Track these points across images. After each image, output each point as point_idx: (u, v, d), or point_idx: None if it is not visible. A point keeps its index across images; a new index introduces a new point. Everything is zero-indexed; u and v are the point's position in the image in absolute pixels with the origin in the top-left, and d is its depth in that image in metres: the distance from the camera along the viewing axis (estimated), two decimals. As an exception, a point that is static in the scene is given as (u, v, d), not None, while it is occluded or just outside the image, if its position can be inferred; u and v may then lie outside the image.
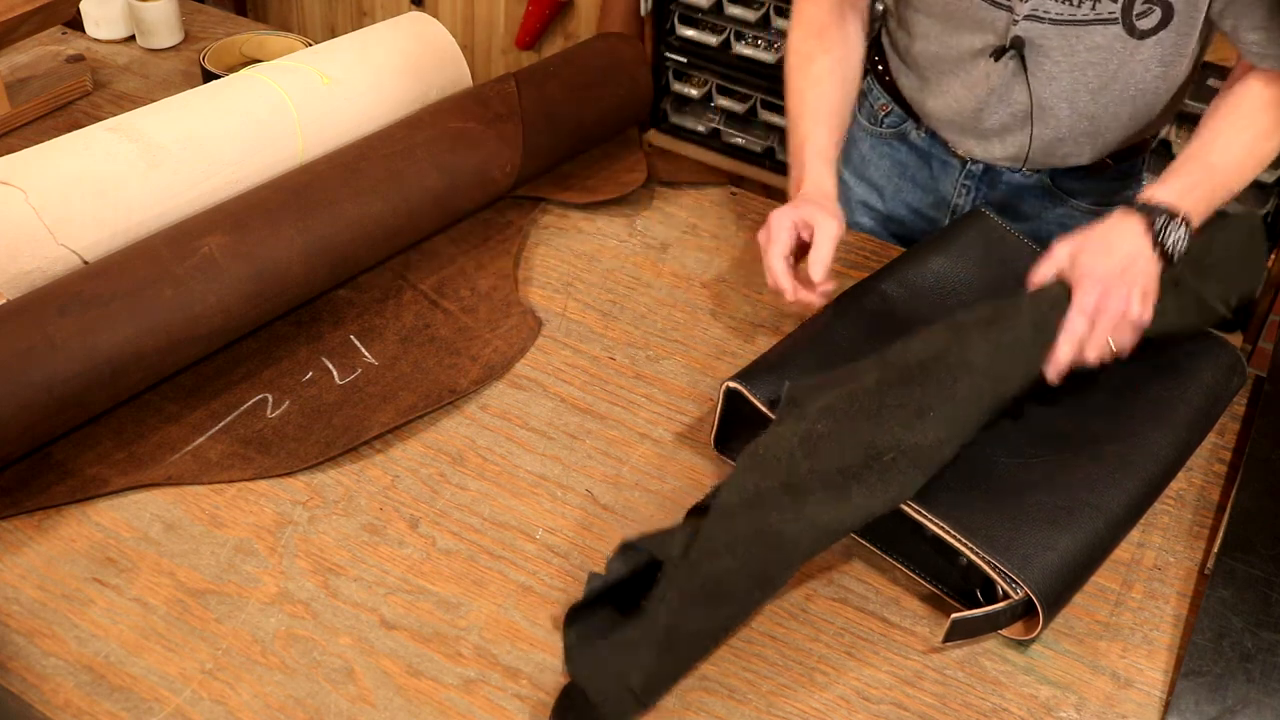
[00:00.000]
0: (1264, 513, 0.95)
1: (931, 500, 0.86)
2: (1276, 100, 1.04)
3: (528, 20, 2.64)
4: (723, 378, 0.97)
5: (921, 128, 1.28)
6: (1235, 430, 1.06)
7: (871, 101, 1.32)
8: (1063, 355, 0.92)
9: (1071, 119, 1.15)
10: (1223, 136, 1.04)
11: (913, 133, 1.29)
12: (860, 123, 1.34)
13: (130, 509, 0.93)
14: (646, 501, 0.96)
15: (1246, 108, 1.05)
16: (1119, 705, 0.83)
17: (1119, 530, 0.89)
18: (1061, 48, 1.08)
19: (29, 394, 0.90)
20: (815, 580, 0.91)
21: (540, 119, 1.25)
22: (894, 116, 1.30)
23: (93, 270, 0.99)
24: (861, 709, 0.82)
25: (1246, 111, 1.04)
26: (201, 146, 1.13)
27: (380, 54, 1.29)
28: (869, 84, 1.32)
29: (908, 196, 1.33)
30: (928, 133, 1.28)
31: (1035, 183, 1.25)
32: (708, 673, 0.83)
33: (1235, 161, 1.03)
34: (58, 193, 1.04)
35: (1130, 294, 0.94)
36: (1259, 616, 0.87)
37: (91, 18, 1.57)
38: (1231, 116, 1.05)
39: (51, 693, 0.80)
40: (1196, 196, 0.99)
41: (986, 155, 1.23)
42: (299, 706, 0.80)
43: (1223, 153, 1.03)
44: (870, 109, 1.32)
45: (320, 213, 1.08)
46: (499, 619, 0.86)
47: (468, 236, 1.24)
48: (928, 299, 1.05)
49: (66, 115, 1.42)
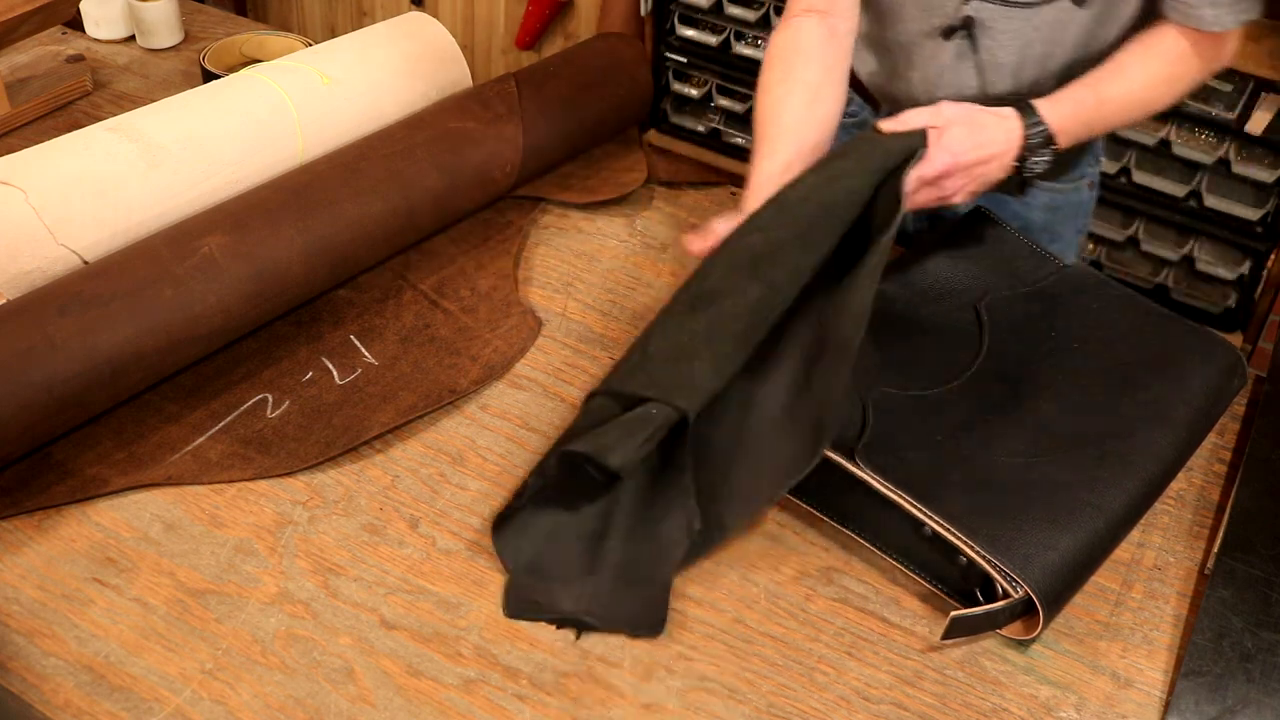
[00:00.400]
0: (1264, 513, 0.95)
1: (933, 499, 0.87)
2: (1185, 54, 1.07)
3: (528, 20, 2.64)
4: (723, 378, 0.97)
5: (881, 114, 1.28)
6: (1235, 430, 1.06)
7: None
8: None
9: (1017, 92, 1.16)
10: (1125, 74, 1.07)
11: (873, 121, 1.29)
12: None
13: (130, 509, 0.93)
14: (646, 501, 0.96)
15: (1156, 51, 1.07)
16: (1119, 705, 0.83)
17: (1119, 530, 0.89)
18: (1010, 30, 1.10)
19: (29, 394, 0.90)
20: (815, 580, 0.91)
21: (540, 119, 1.25)
22: (854, 105, 1.31)
23: (93, 270, 0.99)
24: (861, 709, 0.82)
25: (1156, 55, 1.07)
26: (201, 146, 1.13)
27: (380, 54, 1.29)
28: None
29: None
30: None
31: None
32: (707, 673, 0.83)
33: (1125, 102, 1.08)
34: (58, 193, 1.04)
35: (965, 186, 1.02)
36: (1259, 616, 0.87)
37: (91, 18, 1.57)
38: (1141, 56, 1.07)
39: (51, 693, 0.80)
40: (1075, 125, 1.05)
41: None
42: (299, 706, 0.80)
43: (1118, 89, 1.07)
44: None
45: (320, 213, 1.08)
46: (499, 619, 0.86)
47: (468, 236, 1.24)
48: (928, 299, 1.05)
49: (66, 115, 1.42)
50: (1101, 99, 1.07)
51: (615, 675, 0.83)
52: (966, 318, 1.04)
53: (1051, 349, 1.01)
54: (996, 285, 1.07)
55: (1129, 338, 1.02)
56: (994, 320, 1.03)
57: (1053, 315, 1.04)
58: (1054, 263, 1.10)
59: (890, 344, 1.00)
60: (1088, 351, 1.01)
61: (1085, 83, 1.07)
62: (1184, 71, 1.09)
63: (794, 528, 0.94)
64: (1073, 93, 1.06)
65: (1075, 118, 1.06)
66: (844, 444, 0.90)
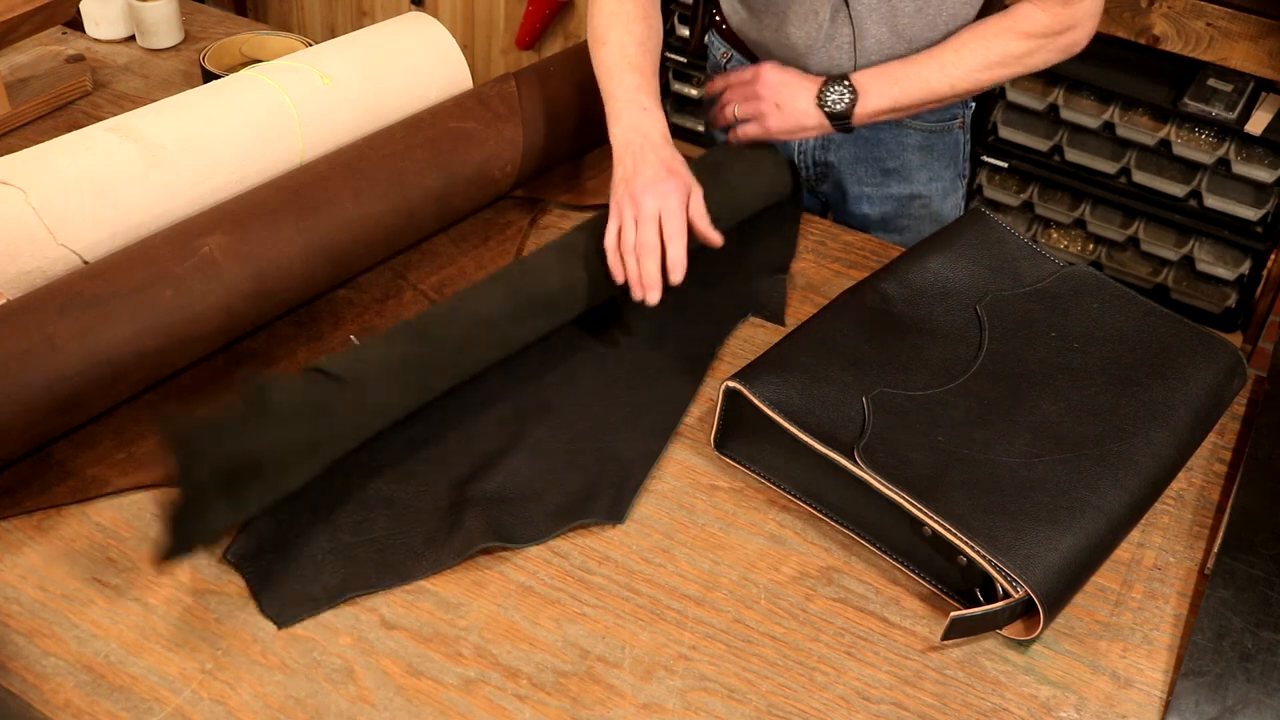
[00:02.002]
0: (1264, 513, 0.95)
1: (933, 499, 0.87)
2: (1036, 32, 1.14)
3: (528, 20, 2.64)
4: (723, 378, 0.97)
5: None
6: (1235, 430, 1.06)
7: (714, 53, 1.37)
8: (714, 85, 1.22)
9: (892, 42, 1.20)
10: (960, 52, 1.16)
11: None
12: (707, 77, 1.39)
13: (130, 509, 0.93)
14: (646, 501, 0.96)
15: (1002, 31, 1.16)
16: (1119, 705, 0.83)
17: (1120, 530, 0.90)
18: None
19: (29, 394, 0.90)
20: (815, 580, 0.91)
21: (540, 119, 1.25)
22: (734, 62, 1.35)
23: (93, 270, 0.99)
24: (861, 709, 0.82)
25: (1001, 36, 1.16)
26: (201, 146, 1.13)
27: (380, 54, 1.29)
28: (710, 37, 1.39)
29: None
30: None
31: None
32: (707, 673, 0.84)
33: (950, 81, 1.17)
34: (58, 193, 1.04)
35: (772, 105, 1.17)
36: (1259, 616, 0.87)
37: (91, 18, 1.58)
38: (983, 38, 1.16)
39: (51, 693, 0.80)
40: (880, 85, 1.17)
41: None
42: (299, 706, 0.80)
43: (944, 67, 1.17)
44: (715, 61, 1.37)
45: (320, 213, 1.08)
46: (499, 619, 0.86)
47: (468, 236, 1.24)
48: (928, 299, 1.05)
49: (66, 115, 1.42)
50: (926, 80, 1.17)
51: (615, 675, 0.83)
52: (966, 318, 1.04)
53: (1051, 349, 1.01)
54: (996, 285, 1.07)
55: (1129, 338, 1.02)
56: (994, 320, 1.03)
57: (1053, 315, 1.04)
58: (1054, 262, 1.10)
59: (890, 344, 1.00)
60: (1088, 351, 1.01)
61: (916, 58, 1.18)
62: (1029, 50, 1.16)
63: (794, 528, 0.94)
64: (894, 64, 1.18)
65: (882, 74, 1.17)
66: (844, 444, 0.90)
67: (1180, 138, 2.07)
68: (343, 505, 0.92)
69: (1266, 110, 2.01)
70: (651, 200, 1.02)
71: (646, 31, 1.16)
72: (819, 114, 1.17)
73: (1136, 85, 2.09)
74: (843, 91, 1.16)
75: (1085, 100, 2.15)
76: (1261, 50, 1.95)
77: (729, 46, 1.36)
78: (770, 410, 0.93)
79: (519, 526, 0.92)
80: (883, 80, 1.17)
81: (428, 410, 1.00)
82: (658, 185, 1.03)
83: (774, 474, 0.97)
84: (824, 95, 1.17)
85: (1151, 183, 2.13)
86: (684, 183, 1.05)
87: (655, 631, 0.86)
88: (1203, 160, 2.06)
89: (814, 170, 1.38)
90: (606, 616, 0.87)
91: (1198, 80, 2.07)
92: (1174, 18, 2.00)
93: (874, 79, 1.17)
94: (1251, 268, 2.13)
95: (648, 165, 1.04)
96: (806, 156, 1.37)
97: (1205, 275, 2.18)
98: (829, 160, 1.36)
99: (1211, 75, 2.07)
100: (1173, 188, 2.11)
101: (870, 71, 1.18)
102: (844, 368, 0.97)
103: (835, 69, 1.23)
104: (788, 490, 0.96)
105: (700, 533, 0.94)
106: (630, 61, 1.13)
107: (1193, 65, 2.06)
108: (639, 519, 0.94)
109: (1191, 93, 2.05)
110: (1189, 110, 2.03)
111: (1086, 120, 2.14)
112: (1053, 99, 2.15)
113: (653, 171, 1.04)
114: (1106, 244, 2.25)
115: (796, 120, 1.17)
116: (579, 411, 1.02)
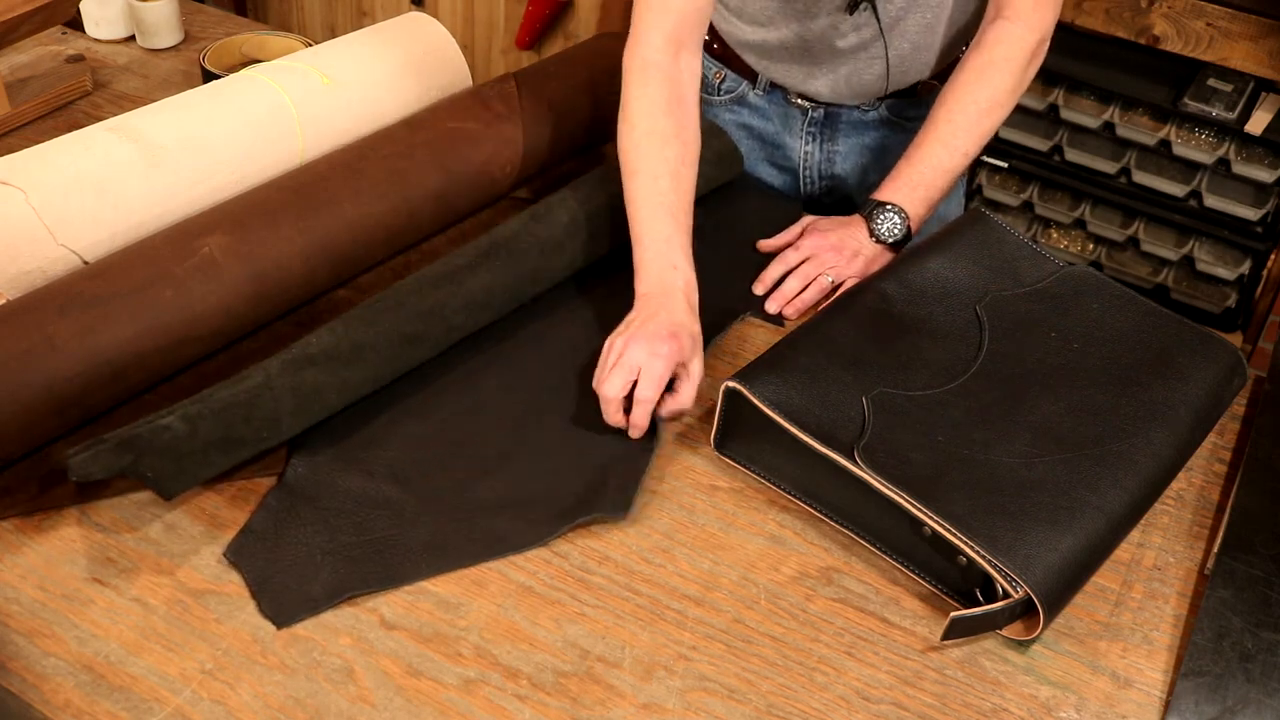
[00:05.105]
0: (1264, 513, 0.95)
1: (933, 499, 0.87)
2: (1024, 56, 1.16)
3: (528, 20, 2.64)
4: (722, 378, 0.97)
5: (759, 85, 1.33)
6: (1235, 430, 1.06)
7: (706, 73, 1.34)
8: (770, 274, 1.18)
9: (918, 32, 1.21)
10: (953, 121, 1.17)
11: (750, 94, 1.34)
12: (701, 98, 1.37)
13: (130, 509, 0.93)
14: (646, 501, 0.96)
15: (995, 63, 1.16)
16: (1119, 705, 0.83)
17: (1120, 531, 0.90)
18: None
19: (29, 394, 0.90)
20: (815, 580, 0.91)
21: (540, 119, 1.25)
22: (730, 81, 1.35)
23: (93, 270, 0.99)
24: (861, 709, 0.82)
25: (992, 70, 1.16)
26: (201, 146, 1.13)
27: (380, 54, 1.29)
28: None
29: (759, 156, 1.38)
30: (765, 90, 1.33)
31: (874, 117, 1.32)
32: (707, 673, 0.84)
33: (962, 150, 1.17)
34: (58, 193, 1.04)
35: (823, 263, 1.16)
36: (1259, 616, 0.87)
37: (91, 18, 1.57)
38: (966, 85, 1.17)
39: (51, 693, 0.80)
40: (917, 196, 1.17)
41: (834, 93, 1.29)
42: (299, 706, 0.80)
43: (949, 143, 1.17)
44: (707, 81, 1.35)
45: (320, 213, 1.08)
46: (499, 619, 0.86)
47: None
48: (928, 299, 1.05)
49: (66, 115, 1.42)
50: (937, 168, 1.17)
51: (615, 675, 0.83)
52: (966, 318, 1.04)
53: (1051, 349, 1.01)
54: (996, 285, 1.07)
55: (1129, 338, 1.02)
56: (994, 320, 1.03)
57: (1053, 315, 1.04)
58: (1054, 262, 1.10)
59: (890, 344, 1.00)
60: (1088, 351, 1.01)
61: (919, 147, 1.17)
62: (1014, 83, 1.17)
63: (794, 528, 0.94)
64: (902, 167, 1.18)
65: (910, 188, 1.17)
66: (844, 444, 0.90)
67: (1180, 138, 2.07)
68: (342, 505, 0.92)
69: (1266, 110, 2.01)
70: (637, 353, 0.98)
71: (681, 153, 1.09)
72: (879, 247, 1.18)
73: (1136, 85, 2.09)
74: (893, 218, 1.16)
75: (1085, 100, 2.15)
76: (1261, 50, 1.95)
77: (721, 65, 1.35)
78: (770, 410, 0.93)
79: (522, 530, 0.92)
80: (908, 190, 1.17)
81: (427, 410, 1.00)
82: (652, 343, 0.98)
83: (774, 474, 0.97)
84: (876, 228, 1.17)
85: (1151, 183, 2.13)
86: (680, 349, 0.99)
87: (655, 631, 0.86)
88: (1203, 160, 2.06)
89: (820, 185, 1.38)
90: (606, 616, 0.87)
91: (1198, 80, 2.07)
92: (1174, 18, 2.00)
93: (899, 192, 1.17)
94: (1251, 268, 2.13)
95: (654, 322, 1.00)
96: (813, 171, 1.37)
97: (1205, 275, 2.18)
98: (835, 173, 1.37)
99: (1211, 75, 2.07)
100: (1173, 188, 2.11)
101: (891, 187, 1.18)
102: (844, 368, 0.97)
103: (869, 74, 1.24)
104: (788, 490, 0.96)
105: (700, 533, 0.94)
106: (663, 202, 1.07)
107: (1193, 65, 2.06)
108: (639, 519, 0.94)
109: (1191, 93, 2.05)
110: (1189, 110, 2.03)
111: (1086, 120, 2.14)
112: (1053, 99, 2.15)
113: (654, 328, 0.99)
114: (1106, 244, 2.25)
115: (869, 263, 1.17)
116: (579, 411, 1.02)
